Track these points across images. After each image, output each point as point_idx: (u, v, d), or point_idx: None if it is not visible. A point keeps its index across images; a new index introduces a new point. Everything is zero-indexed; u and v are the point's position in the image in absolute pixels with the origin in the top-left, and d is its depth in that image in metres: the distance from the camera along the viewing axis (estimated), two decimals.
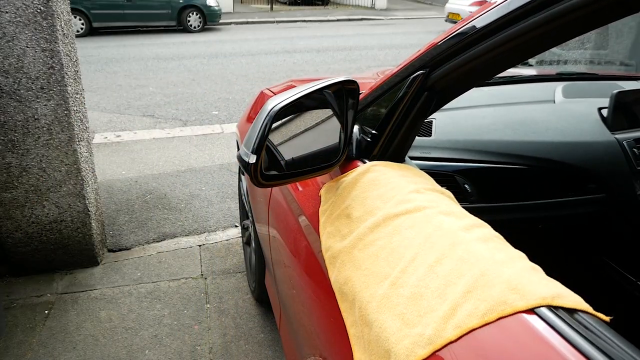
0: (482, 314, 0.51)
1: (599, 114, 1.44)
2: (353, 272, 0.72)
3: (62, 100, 2.06)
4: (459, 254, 0.60)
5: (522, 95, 1.67)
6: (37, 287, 2.23)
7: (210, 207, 3.07)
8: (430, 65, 0.82)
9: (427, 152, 1.29)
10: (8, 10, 1.88)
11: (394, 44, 10.03)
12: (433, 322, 0.55)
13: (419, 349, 0.54)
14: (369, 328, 0.64)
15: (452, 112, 1.46)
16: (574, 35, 0.65)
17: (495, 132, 1.36)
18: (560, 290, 0.52)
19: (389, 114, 0.90)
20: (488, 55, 0.72)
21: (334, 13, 16.34)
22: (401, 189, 0.77)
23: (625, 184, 1.31)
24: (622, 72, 2.11)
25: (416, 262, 0.63)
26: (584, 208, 1.32)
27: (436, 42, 0.81)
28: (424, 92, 0.84)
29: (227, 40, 10.40)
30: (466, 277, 0.57)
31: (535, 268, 0.57)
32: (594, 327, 0.48)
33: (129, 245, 2.61)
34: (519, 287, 0.52)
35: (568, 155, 1.31)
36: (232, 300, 2.19)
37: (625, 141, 1.34)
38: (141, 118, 5.03)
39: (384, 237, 0.71)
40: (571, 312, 0.50)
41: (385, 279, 0.65)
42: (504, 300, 0.51)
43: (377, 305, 0.63)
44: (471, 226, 0.67)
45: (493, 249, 0.61)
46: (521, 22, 0.65)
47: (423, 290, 0.59)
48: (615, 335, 0.47)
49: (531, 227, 1.32)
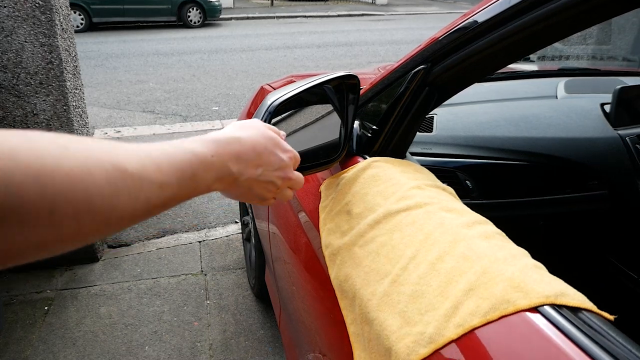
0: (485, 313, 0.51)
1: (601, 109, 1.43)
2: (353, 270, 0.71)
3: (61, 96, 2.05)
4: (460, 251, 0.59)
5: (524, 90, 1.66)
6: (37, 284, 2.23)
7: (210, 203, 3.07)
8: (432, 60, 0.81)
9: (428, 148, 1.28)
10: (6, 5, 1.87)
11: (395, 40, 10.00)
12: (434, 321, 0.54)
13: (420, 348, 0.53)
14: (369, 326, 0.63)
15: (453, 107, 1.45)
16: (577, 29, 0.64)
17: (497, 128, 1.35)
18: (564, 288, 0.51)
19: (389, 110, 0.89)
20: (490, 50, 0.71)
21: (334, 8, 16.29)
22: (402, 185, 0.77)
23: (627, 180, 1.30)
24: (624, 68, 2.10)
25: (417, 260, 0.62)
26: (586, 205, 1.31)
27: (437, 36, 0.80)
28: (425, 88, 0.84)
29: (227, 36, 10.37)
30: (468, 274, 0.56)
31: (538, 266, 0.57)
32: (598, 326, 0.47)
33: (129, 242, 2.61)
34: (521, 286, 0.51)
35: (570, 151, 1.30)
36: (232, 297, 2.19)
37: (628, 137, 1.33)
38: (141, 114, 5.01)
39: (385, 234, 0.70)
40: (575, 310, 0.49)
41: (385, 276, 0.65)
42: (507, 299, 0.50)
43: (377, 303, 0.63)
44: (473, 223, 0.66)
45: (495, 246, 0.60)
46: (523, 17, 0.64)
47: (424, 288, 0.58)
48: (620, 335, 0.46)
49: (533, 224, 1.31)
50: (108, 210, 0.37)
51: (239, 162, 0.54)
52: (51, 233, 0.34)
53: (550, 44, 0.74)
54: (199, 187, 0.48)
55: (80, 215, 0.35)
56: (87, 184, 0.35)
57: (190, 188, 0.47)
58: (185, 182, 0.45)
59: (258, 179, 0.57)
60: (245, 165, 0.55)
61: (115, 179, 0.38)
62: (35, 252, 0.34)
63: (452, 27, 0.78)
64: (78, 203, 0.35)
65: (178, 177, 0.44)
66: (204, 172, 0.48)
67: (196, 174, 0.47)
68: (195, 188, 0.48)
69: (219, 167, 0.51)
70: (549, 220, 1.32)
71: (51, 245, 0.35)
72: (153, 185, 0.41)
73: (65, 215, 0.34)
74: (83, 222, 0.36)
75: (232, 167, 0.53)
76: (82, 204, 0.35)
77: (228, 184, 0.54)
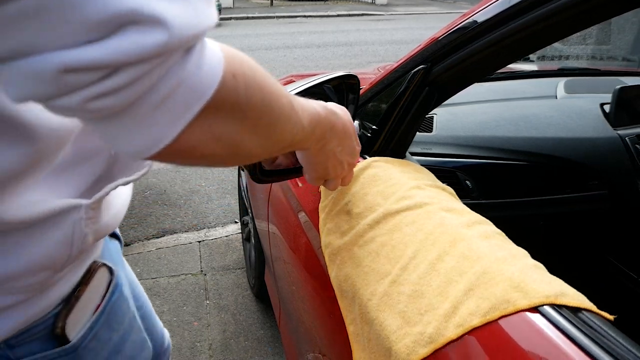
0: (484, 313, 0.51)
1: (601, 109, 1.43)
2: (353, 270, 0.71)
3: None
4: (460, 251, 0.59)
5: (524, 91, 1.66)
6: None
7: (210, 202, 3.07)
8: (431, 60, 0.81)
9: (428, 148, 1.28)
10: None
11: (395, 40, 10.00)
12: (434, 321, 0.54)
13: (420, 348, 0.53)
14: (369, 326, 0.63)
15: (453, 107, 1.45)
16: (577, 29, 0.64)
17: (497, 128, 1.35)
18: (564, 288, 0.51)
19: (389, 110, 0.89)
20: (490, 50, 0.71)
21: (334, 8, 16.30)
22: (402, 185, 0.77)
23: (627, 180, 1.30)
24: (624, 68, 2.10)
25: (417, 260, 0.62)
26: (586, 205, 1.31)
27: (437, 36, 0.80)
28: (425, 87, 0.84)
29: (227, 36, 10.37)
30: (468, 274, 0.56)
31: (538, 266, 0.57)
32: (598, 326, 0.47)
33: (129, 241, 2.61)
34: (521, 286, 0.51)
35: (570, 151, 1.30)
36: (231, 297, 2.19)
37: (628, 137, 1.33)
38: None
39: (385, 234, 0.70)
40: (575, 310, 0.49)
41: (385, 276, 0.65)
42: (507, 299, 0.50)
43: (377, 303, 0.63)
44: (473, 223, 0.66)
45: (495, 246, 0.60)
46: (523, 16, 0.64)
47: (424, 288, 0.58)
48: (620, 334, 0.46)
49: (533, 224, 1.31)
50: (280, 130, 0.45)
51: (332, 132, 0.59)
52: (252, 138, 0.41)
53: (550, 43, 0.74)
54: (309, 139, 0.55)
55: (270, 126, 0.43)
56: (281, 104, 0.43)
57: (308, 136, 0.53)
58: (309, 130, 0.52)
59: (336, 154, 0.63)
60: (334, 137, 0.60)
61: (289, 109, 0.45)
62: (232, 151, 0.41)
63: (451, 27, 0.78)
64: (272, 115, 0.43)
65: (310, 124, 0.52)
66: (318, 128, 0.55)
67: (314, 128, 0.54)
68: (308, 138, 0.54)
69: (323, 129, 0.57)
70: (549, 220, 1.32)
71: (241, 149, 0.41)
72: (301, 124, 0.49)
73: (263, 125, 0.42)
74: (268, 133, 0.44)
75: (327, 134, 0.58)
76: (274, 118, 0.43)
77: (320, 147, 0.59)
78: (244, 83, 0.37)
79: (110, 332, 0.58)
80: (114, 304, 0.59)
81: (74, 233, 0.47)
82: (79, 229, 0.47)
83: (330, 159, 0.62)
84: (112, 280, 0.58)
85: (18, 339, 0.48)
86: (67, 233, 0.46)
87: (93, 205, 0.48)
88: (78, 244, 0.48)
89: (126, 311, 0.62)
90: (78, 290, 0.52)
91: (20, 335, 0.48)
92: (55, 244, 0.46)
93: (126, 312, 0.62)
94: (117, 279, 0.60)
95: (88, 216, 0.48)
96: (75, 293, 0.52)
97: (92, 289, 0.54)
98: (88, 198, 0.48)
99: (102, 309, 0.56)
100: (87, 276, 0.54)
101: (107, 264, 0.58)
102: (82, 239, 0.48)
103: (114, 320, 0.58)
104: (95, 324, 0.55)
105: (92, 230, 0.49)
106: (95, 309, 0.55)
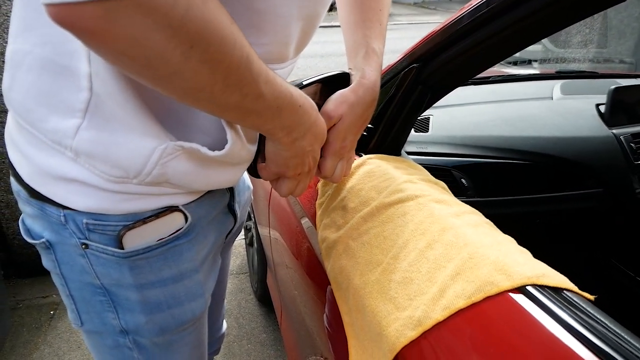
0: (470, 295, 0.52)
1: (596, 109, 1.45)
2: (347, 261, 0.73)
3: None
4: (448, 239, 0.61)
5: (520, 92, 1.68)
6: (43, 288, 2.25)
7: None
8: (423, 58, 0.83)
9: (424, 147, 1.30)
10: None
11: (399, 49, 9.87)
12: (422, 305, 0.56)
13: (409, 331, 0.55)
14: (362, 314, 0.65)
15: (449, 108, 1.47)
16: (568, 23, 0.66)
17: (493, 128, 1.37)
18: (546, 270, 0.53)
19: (384, 108, 0.91)
20: (480, 47, 0.73)
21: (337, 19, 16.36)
22: (395, 180, 0.78)
23: (622, 178, 1.32)
24: (621, 71, 2.11)
25: (407, 248, 0.64)
26: (582, 203, 1.32)
27: (429, 35, 0.82)
28: (417, 86, 0.86)
29: None
30: (455, 260, 0.58)
31: (523, 251, 0.58)
32: (580, 305, 0.48)
33: None
34: (505, 268, 0.53)
35: (566, 150, 1.31)
36: (235, 301, 2.20)
37: (623, 136, 1.34)
38: None
39: (377, 226, 0.72)
40: (557, 290, 0.50)
41: (377, 265, 0.66)
42: (491, 281, 0.52)
43: (369, 290, 0.64)
44: (462, 213, 0.68)
45: (482, 234, 0.62)
46: (510, 12, 0.66)
47: (414, 275, 0.60)
48: (601, 313, 0.47)
49: (528, 221, 1.32)
50: (222, 75, 0.43)
51: (309, 129, 0.59)
52: (177, 64, 0.39)
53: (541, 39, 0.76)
54: (272, 120, 0.53)
55: (207, 62, 0.40)
56: (230, 49, 0.41)
57: (268, 113, 0.51)
58: (273, 106, 0.50)
59: (305, 153, 0.63)
60: (309, 134, 0.60)
61: (245, 62, 0.44)
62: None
63: (442, 25, 0.80)
64: (212, 50, 0.40)
65: (275, 100, 0.50)
66: (287, 114, 0.54)
67: (281, 109, 0.52)
68: (268, 116, 0.52)
69: (296, 120, 0.56)
70: (545, 218, 1.33)
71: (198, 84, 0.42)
72: (258, 90, 0.47)
73: (197, 58, 0.39)
74: (200, 68, 0.40)
75: (302, 128, 0.58)
76: (215, 57, 0.41)
77: (291, 141, 0.58)
78: (186, 3, 0.35)
79: (163, 263, 0.65)
80: (176, 246, 0.65)
81: (151, 155, 0.53)
82: (157, 157, 0.53)
83: (297, 156, 0.62)
84: (183, 227, 0.64)
85: (96, 224, 0.58)
86: (148, 149, 0.53)
87: (177, 149, 0.54)
88: (151, 170, 0.54)
89: (187, 259, 0.67)
90: (148, 218, 0.60)
91: (98, 224, 0.58)
92: (137, 149, 0.53)
93: (187, 259, 0.67)
94: (191, 230, 0.66)
95: (168, 153, 0.54)
96: (144, 219, 0.60)
97: (160, 224, 0.62)
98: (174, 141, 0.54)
99: (163, 243, 0.63)
100: (160, 213, 0.61)
101: (185, 213, 0.64)
102: (157, 170, 0.54)
103: (171, 258, 0.65)
104: (150, 249, 0.62)
105: (169, 173, 0.56)
106: (158, 241, 0.63)
